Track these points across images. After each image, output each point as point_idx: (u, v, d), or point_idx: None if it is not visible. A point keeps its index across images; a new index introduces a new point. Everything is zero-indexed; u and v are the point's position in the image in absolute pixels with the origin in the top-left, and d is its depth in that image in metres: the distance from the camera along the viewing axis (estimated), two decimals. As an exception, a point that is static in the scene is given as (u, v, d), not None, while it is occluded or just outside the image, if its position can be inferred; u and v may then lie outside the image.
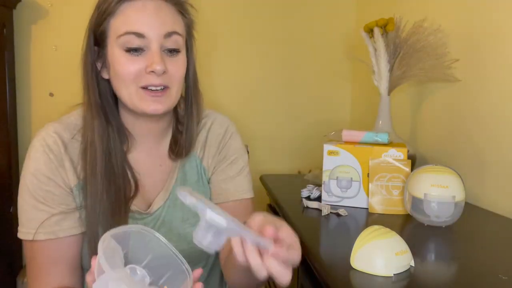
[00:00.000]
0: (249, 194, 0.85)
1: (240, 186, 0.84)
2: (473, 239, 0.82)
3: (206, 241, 0.51)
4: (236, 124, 0.91)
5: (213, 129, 0.86)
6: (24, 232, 0.72)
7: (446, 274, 0.65)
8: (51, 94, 1.76)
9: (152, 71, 0.69)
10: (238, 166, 0.85)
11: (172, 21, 0.72)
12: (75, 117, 0.77)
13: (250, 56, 1.90)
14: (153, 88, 0.70)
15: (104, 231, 0.69)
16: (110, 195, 0.72)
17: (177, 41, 0.73)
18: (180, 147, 0.81)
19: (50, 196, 0.72)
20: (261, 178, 1.40)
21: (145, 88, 0.70)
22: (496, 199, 1.01)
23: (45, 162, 0.72)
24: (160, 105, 0.71)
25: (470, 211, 0.97)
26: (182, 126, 0.82)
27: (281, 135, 1.95)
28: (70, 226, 0.73)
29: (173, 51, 0.73)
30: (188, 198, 0.49)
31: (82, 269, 0.79)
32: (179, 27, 0.74)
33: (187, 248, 0.77)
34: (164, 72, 0.70)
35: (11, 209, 1.65)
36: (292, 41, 1.92)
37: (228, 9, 1.87)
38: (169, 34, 0.71)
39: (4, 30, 1.60)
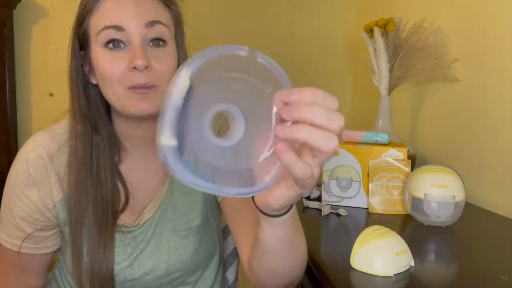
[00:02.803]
0: None
1: None
2: (473, 239, 0.82)
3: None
4: None
5: None
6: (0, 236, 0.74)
7: (446, 274, 0.65)
8: (51, 94, 1.76)
9: (134, 67, 0.62)
10: None
11: (154, 11, 0.66)
12: (65, 125, 0.73)
13: (250, 56, 1.90)
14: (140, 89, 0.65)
15: (89, 247, 0.68)
16: (96, 209, 0.69)
17: (162, 32, 0.66)
18: None
19: (21, 213, 0.71)
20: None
21: (130, 88, 0.64)
22: (496, 199, 1.01)
23: (24, 177, 0.70)
24: (147, 103, 0.64)
25: (470, 211, 0.97)
26: None
27: (281, 135, 1.95)
28: (37, 246, 0.74)
29: (158, 41, 0.66)
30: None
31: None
32: (164, 18, 0.67)
33: (178, 261, 0.75)
34: (148, 68, 0.63)
35: (11, 209, 1.65)
36: (292, 41, 1.92)
37: (227, 9, 1.87)
38: (151, 24, 0.64)
39: (4, 30, 1.60)
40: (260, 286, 0.68)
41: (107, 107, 0.72)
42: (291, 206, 0.51)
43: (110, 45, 0.64)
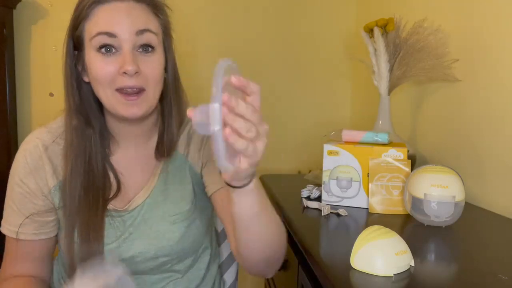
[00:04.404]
0: None
1: None
2: (473, 239, 0.82)
3: (196, 119, 0.50)
4: None
5: None
6: (2, 225, 0.80)
7: (446, 274, 0.65)
8: (51, 94, 1.76)
9: (125, 72, 0.69)
10: None
11: (144, 20, 0.72)
12: (60, 121, 0.80)
13: (249, 56, 1.90)
14: (129, 90, 0.70)
15: (80, 228, 0.75)
16: (87, 195, 0.75)
17: (150, 39, 0.72)
18: (163, 147, 0.81)
19: (21, 198, 0.77)
20: (261, 178, 1.39)
21: (120, 90, 0.70)
22: (496, 199, 1.01)
23: (22, 165, 0.78)
24: (136, 108, 0.72)
25: (470, 211, 0.97)
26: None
27: (281, 135, 1.95)
28: (36, 232, 0.79)
29: (147, 47, 0.72)
30: (220, 77, 0.48)
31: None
32: (153, 26, 0.74)
33: (166, 245, 0.80)
34: (138, 73, 0.70)
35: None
36: (292, 41, 1.92)
37: (226, 8, 1.87)
38: (141, 32, 0.71)
39: (4, 30, 1.60)
40: (248, 266, 0.75)
41: (99, 103, 0.78)
42: (252, 177, 0.60)
43: (103, 49, 0.70)
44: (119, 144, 0.81)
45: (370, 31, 1.28)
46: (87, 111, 0.77)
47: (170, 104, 0.81)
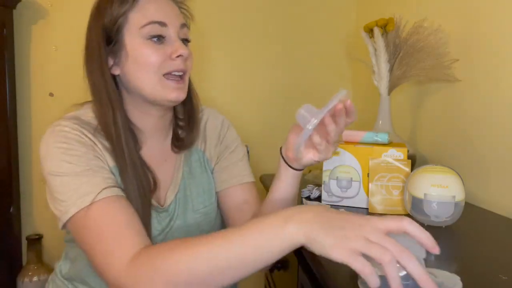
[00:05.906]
0: (251, 178, 0.91)
1: (243, 170, 0.90)
2: (473, 239, 0.82)
3: (301, 112, 0.71)
4: (235, 124, 0.97)
5: (209, 122, 0.92)
6: (78, 203, 0.65)
7: (446, 274, 0.65)
8: (51, 94, 1.76)
9: (178, 56, 0.75)
10: (239, 153, 0.91)
11: (181, 15, 0.81)
12: (91, 116, 0.76)
13: (249, 56, 1.90)
14: (176, 73, 0.76)
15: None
16: (137, 189, 0.74)
17: (187, 33, 0.81)
18: (184, 140, 0.85)
19: (93, 163, 0.70)
20: (261, 178, 1.39)
21: (167, 75, 0.75)
22: (496, 199, 1.01)
23: (75, 138, 0.70)
24: (181, 92, 0.77)
25: (470, 211, 0.97)
26: (182, 120, 0.87)
27: (281, 135, 1.94)
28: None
29: (185, 41, 0.80)
30: (334, 102, 0.65)
31: None
32: (186, 21, 0.82)
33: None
34: (186, 58, 0.77)
35: (11, 209, 1.65)
36: (292, 41, 1.92)
37: (227, 8, 1.87)
38: (183, 25, 0.79)
39: (4, 30, 1.60)
40: None
41: (120, 97, 0.78)
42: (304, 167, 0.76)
43: (155, 39, 0.75)
44: (144, 138, 0.81)
45: (370, 31, 1.28)
46: (117, 105, 0.76)
47: (190, 96, 0.86)
